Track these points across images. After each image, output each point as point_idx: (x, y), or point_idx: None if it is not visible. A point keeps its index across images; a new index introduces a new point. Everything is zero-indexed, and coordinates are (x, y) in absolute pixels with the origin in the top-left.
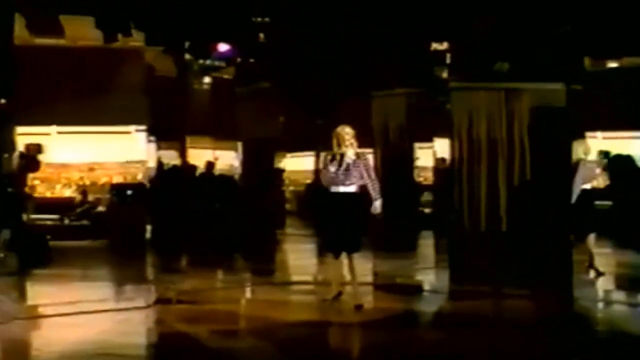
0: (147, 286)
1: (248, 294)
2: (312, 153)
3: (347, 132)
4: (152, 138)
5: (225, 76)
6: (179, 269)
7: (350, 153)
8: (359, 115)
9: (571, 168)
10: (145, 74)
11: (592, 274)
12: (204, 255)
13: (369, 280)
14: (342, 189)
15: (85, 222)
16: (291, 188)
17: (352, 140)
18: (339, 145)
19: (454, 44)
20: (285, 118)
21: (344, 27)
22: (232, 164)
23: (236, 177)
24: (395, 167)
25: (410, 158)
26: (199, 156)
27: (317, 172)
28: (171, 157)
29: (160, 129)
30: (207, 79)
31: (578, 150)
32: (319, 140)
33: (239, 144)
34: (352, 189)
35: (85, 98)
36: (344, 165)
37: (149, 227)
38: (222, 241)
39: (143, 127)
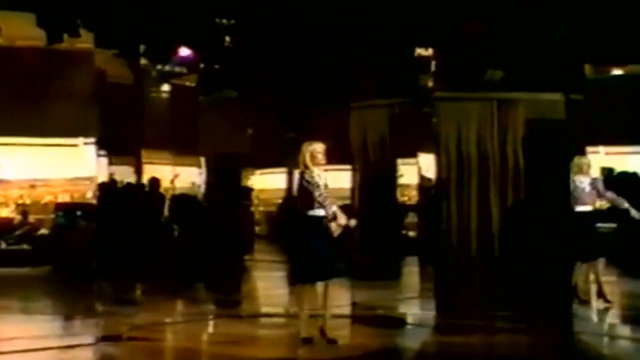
0: (95, 320)
1: (211, 328)
2: (283, 170)
3: (321, 148)
4: (103, 152)
5: (187, 83)
6: (132, 300)
7: (321, 171)
8: (335, 129)
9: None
10: (96, 80)
11: (601, 304)
12: (161, 284)
13: (346, 312)
14: (321, 212)
15: (25, 246)
16: (261, 209)
17: (324, 157)
18: (313, 163)
19: (440, 49)
20: (253, 131)
21: (319, 31)
22: (194, 181)
23: (199, 196)
24: (376, 185)
25: (392, 175)
26: (156, 172)
27: (289, 190)
28: (125, 174)
29: (112, 141)
30: (166, 87)
31: (575, 166)
32: (291, 156)
33: (202, 160)
34: (328, 211)
35: (26, 106)
36: (322, 186)
37: (98, 253)
38: (182, 268)
39: (92, 140)
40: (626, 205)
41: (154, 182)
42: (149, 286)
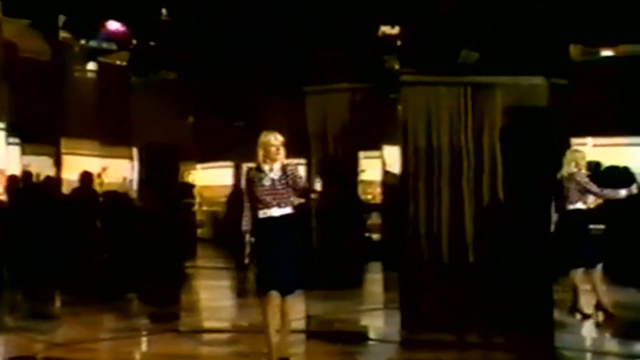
0: (4, 337)
1: (144, 347)
2: (230, 164)
3: (275, 140)
4: (14, 139)
5: (117, 62)
6: (50, 314)
7: (276, 167)
8: (289, 117)
9: (556, 183)
10: (4, 54)
11: (577, 316)
12: (86, 295)
13: (301, 326)
14: (275, 212)
15: None
16: (204, 208)
17: (281, 150)
18: (265, 158)
19: (407, 27)
20: (195, 119)
21: (271, 4)
22: (126, 176)
23: (131, 194)
24: (335, 181)
25: (353, 170)
26: (80, 165)
27: (237, 187)
28: (42, 166)
29: (26, 127)
30: (91, 65)
31: (571, 160)
32: (238, 148)
33: (135, 151)
34: (287, 210)
35: None
36: (268, 183)
37: (9, 258)
38: (111, 277)
39: (2, 125)
40: (623, 192)
41: (86, 176)
42: (70, 297)
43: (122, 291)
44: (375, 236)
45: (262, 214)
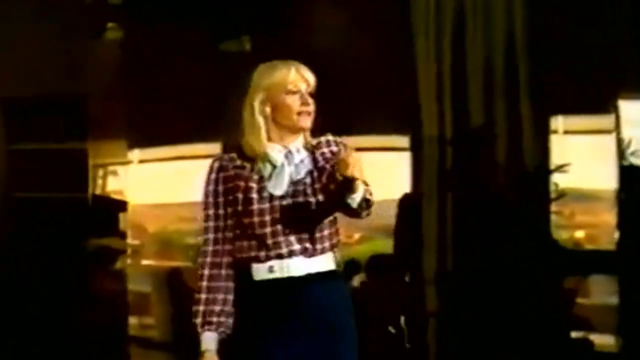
0: None
1: None
2: (212, 148)
3: (305, 82)
4: None
5: None
6: None
7: (296, 148)
8: (357, 32)
9: None
10: None
11: None
12: None
13: None
14: (297, 266)
15: None
16: (147, 262)
17: (312, 109)
18: (283, 127)
19: None
20: (126, 34)
21: None
22: None
23: None
24: (486, 193)
25: (536, 166)
26: None
27: None
28: None
29: None
30: None
31: None
32: (234, 107)
33: None
34: (322, 262)
35: None
36: (288, 189)
37: None
38: None
39: None
40: None
41: None
42: None
43: None
44: (599, 340)
45: (264, 270)
